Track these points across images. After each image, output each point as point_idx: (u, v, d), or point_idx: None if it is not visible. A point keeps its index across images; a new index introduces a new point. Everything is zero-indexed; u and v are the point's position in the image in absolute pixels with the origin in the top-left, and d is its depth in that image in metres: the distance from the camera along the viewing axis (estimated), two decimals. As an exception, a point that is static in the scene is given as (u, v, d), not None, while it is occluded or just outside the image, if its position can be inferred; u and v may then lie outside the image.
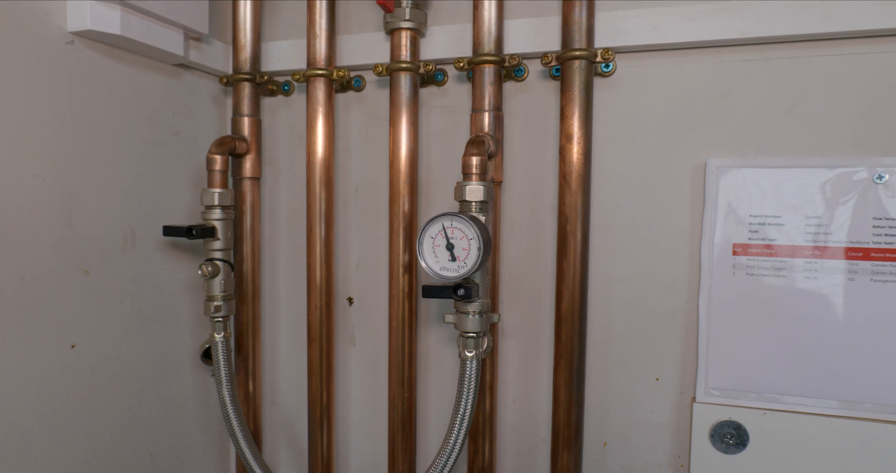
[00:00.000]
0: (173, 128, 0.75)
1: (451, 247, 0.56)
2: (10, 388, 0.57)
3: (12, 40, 0.56)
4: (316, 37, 0.73)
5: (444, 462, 0.62)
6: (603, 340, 0.70)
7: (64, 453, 0.62)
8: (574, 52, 0.63)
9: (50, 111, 0.60)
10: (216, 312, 0.72)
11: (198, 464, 0.81)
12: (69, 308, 0.62)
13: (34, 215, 0.58)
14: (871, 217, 0.61)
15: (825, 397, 0.62)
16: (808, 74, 0.62)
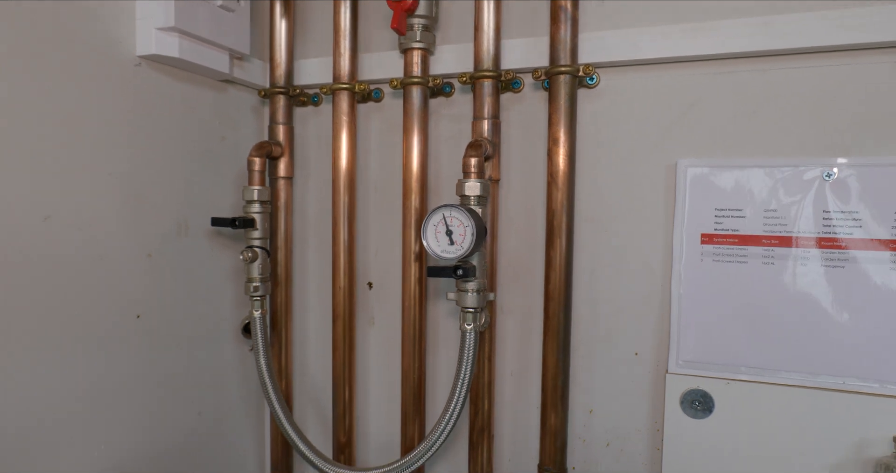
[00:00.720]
0: (219, 135, 0.87)
1: (449, 233, 0.67)
2: (86, 348, 0.69)
3: (92, 63, 0.68)
4: (340, 55, 0.84)
5: (448, 418, 0.72)
6: (590, 319, 0.80)
7: (129, 408, 0.75)
8: (560, 67, 0.73)
9: (122, 121, 0.72)
10: (255, 292, 0.84)
11: (237, 423, 0.93)
12: (135, 284, 0.75)
13: (110, 208, 0.71)
14: (822, 210, 0.69)
15: (781, 369, 0.71)
16: (767, 84, 0.71)
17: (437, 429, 0.73)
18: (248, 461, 0.96)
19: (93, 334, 0.70)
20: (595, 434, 0.81)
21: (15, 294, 0.61)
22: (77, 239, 0.67)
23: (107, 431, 0.72)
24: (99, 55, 0.69)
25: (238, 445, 0.94)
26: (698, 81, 0.73)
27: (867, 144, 0.68)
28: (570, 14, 0.73)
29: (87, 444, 0.70)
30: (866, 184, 0.67)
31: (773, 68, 0.70)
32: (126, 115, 0.73)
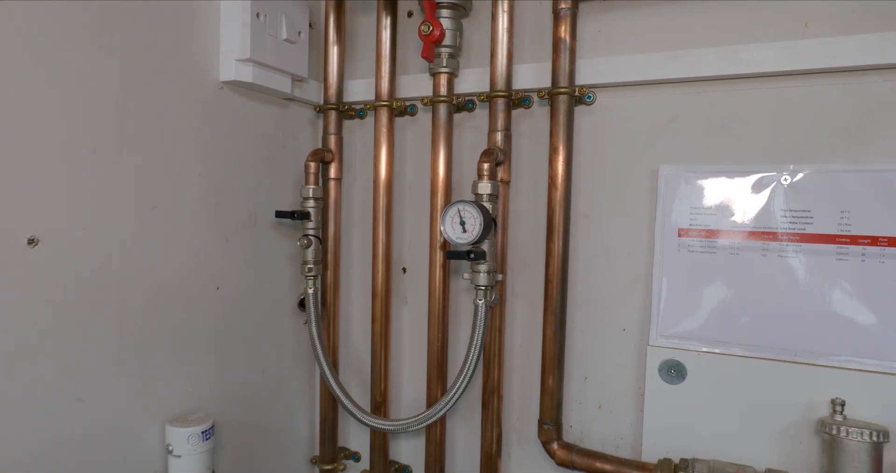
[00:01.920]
0: (282, 143, 1.06)
1: (462, 223, 0.83)
2: (181, 309, 0.89)
3: (187, 87, 0.88)
4: (381, 78, 1.02)
5: (463, 377, 0.88)
6: (585, 300, 0.94)
7: (209, 360, 0.94)
8: (559, 88, 0.88)
9: (207, 133, 0.92)
10: (309, 272, 1.02)
11: (292, 382, 1.12)
12: (216, 263, 0.94)
13: (198, 201, 0.90)
14: (780, 209, 0.82)
15: (742, 343, 0.84)
16: (735, 102, 0.84)
17: (455, 386, 0.89)
18: (300, 413, 1.14)
19: (186, 299, 0.89)
20: (589, 398, 0.95)
21: (129, 266, 0.81)
22: (175, 225, 0.87)
23: (194, 375, 0.91)
24: (192, 81, 0.89)
25: (293, 400, 1.12)
26: (677, 100, 0.87)
27: (817, 153, 0.80)
28: (569, 45, 0.88)
29: (180, 382, 0.89)
30: (816, 187, 0.80)
31: (739, 89, 0.84)
32: (211, 128, 0.92)
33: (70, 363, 0.74)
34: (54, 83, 0.71)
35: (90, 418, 0.77)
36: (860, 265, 0.78)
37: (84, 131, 0.74)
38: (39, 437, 0.72)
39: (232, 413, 0.98)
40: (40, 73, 0.69)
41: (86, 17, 0.73)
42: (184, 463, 0.84)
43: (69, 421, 0.75)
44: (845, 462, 0.72)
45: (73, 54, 0.72)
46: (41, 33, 0.69)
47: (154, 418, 0.85)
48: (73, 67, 0.72)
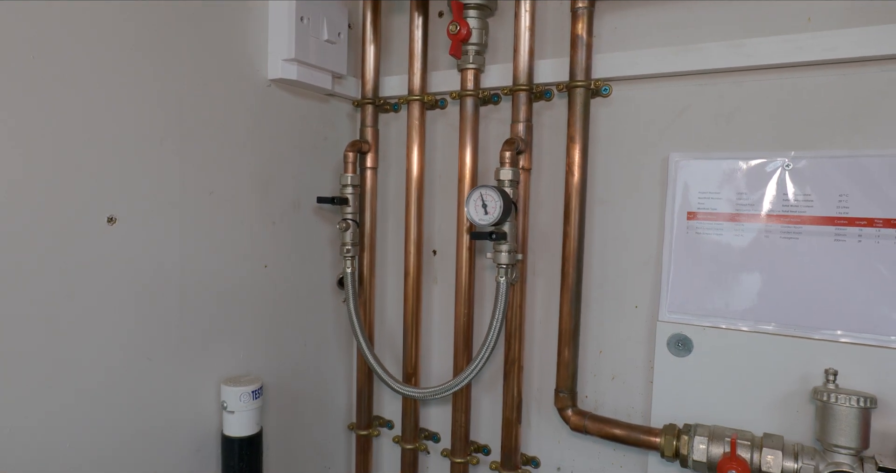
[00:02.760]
0: (323, 136, 1.16)
1: (484, 206, 0.91)
2: (237, 284, 1.00)
3: (238, 85, 0.98)
4: (414, 74, 1.10)
5: (486, 348, 0.96)
6: (601, 280, 1.01)
7: (258, 331, 1.05)
8: (576, 82, 0.95)
9: (258, 125, 1.02)
10: (347, 253, 1.12)
11: (332, 355, 1.22)
12: (263, 243, 1.05)
13: (249, 187, 1.01)
14: (782, 193, 0.87)
15: (745, 318, 0.90)
16: (742, 93, 0.90)
17: (478, 356, 0.98)
18: (339, 383, 1.25)
19: (238, 275, 1.00)
20: (603, 370, 1.02)
21: (190, 244, 0.92)
22: (228, 209, 0.98)
23: (245, 343, 1.02)
24: (244, 79, 0.99)
25: (332, 371, 1.23)
26: (688, 91, 0.93)
27: (819, 140, 0.85)
28: (585, 41, 0.95)
29: (233, 348, 1.00)
30: (817, 172, 0.85)
31: (745, 81, 0.89)
32: (260, 121, 1.03)
33: (141, 326, 0.86)
34: (129, 81, 0.82)
35: (157, 374, 0.89)
36: (857, 246, 0.83)
37: (153, 124, 0.85)
38: (117, 389, 0.83)
39: (278, 380, 1.09)
40: (118, 72, 0.80)
41: (156, 21, 0.84)
42: (236, 418, 0.95)
43: (141, 376, 0.86)
44: (835, 426, 0.78)
45: (145, 55, 0.83)
46: (119, 36, 0.80)
47: (211, 378, 0.97)
48: (145, 66, 0.84)
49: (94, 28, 0.77)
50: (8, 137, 0.70)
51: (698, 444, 0.86)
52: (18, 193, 0.71)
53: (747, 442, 0.83)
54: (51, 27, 0.73)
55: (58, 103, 0.74)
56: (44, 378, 0.75)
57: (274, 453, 1.09)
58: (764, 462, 0.81)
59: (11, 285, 0.71)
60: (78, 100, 0.76)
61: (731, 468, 0.80)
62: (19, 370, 0.72)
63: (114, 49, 0.80)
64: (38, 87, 0.72)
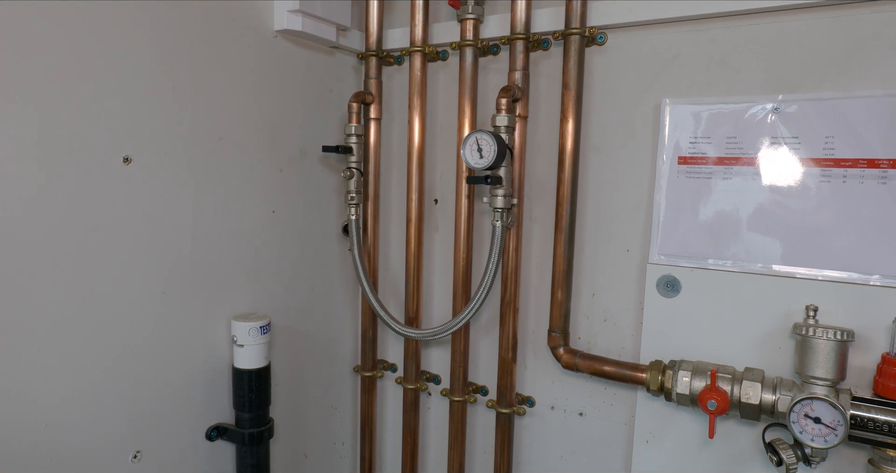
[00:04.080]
0: (329, 87, 1.19)
1: (479, 150, 0.94)
2: (246, 228, 1.05)
3: (246, 36, 1.02)
4: (415, 26, 1.13)
5: (483, 289, 1.01)
6: (594, 224, 1.04)
7: (271, 274, 1.10)
8: (571, 30, 0.97)
9: (264, 76, 1.06)
10: (351, 200, 1.16)
11: (338, 298, 1.28)
12: (271, 190, 1.09)
13: (257, 134, 1.05)
14: (770, 136, 0.89)
15: (730, 259, 0.92)
16: (733, 38, 0.91)
17: (475, 297, 1.02)
18: (345, 327, 1.31)
19: (247, 218, 1.05)
20: (596, 312, 1.06)
21: (202, 186, 0.97)
22: (237, 155, 1.02)
23: (254, 284, 1.08)
24: (251, 29, 1.03)
25: (338, 314, 1.28)
26: (681, 38, 0.95)
27: (809, 82, 0.87)
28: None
29: (243, 288, 1.06)
30: (805, 115, 0.86)
31: (738, 25, 0.90)
32: (267, 71, 1.06)
33: (156, 261, 0.91)
34: (143, 30, 0.86)
35: (172, 308, 0.94)
36: (841, 186, 0.85)
37: (165, 71, 0.90)
38: (135, 320, 0.89)
39: (286, 321, 1.15)
40: (133, 21, 0.84)
41: (163, -27, 0.88)
42: (245, 352, 1.01)
43: (156, 309, 0.92)
44: (813, 358, 0.81)
45: (156, 7, 0.87)
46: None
47: (222, 315, 1.03)
48: (159, 16, 0.87)
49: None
50: (34, 85, 0.74)
51: (682, 378, 0.90)
52: (44, 135, 0.76)
53: (728, 376, 0.87)
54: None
55: (77, 51, 0.78)
56: (69, 307, 0.81)
57: (283, 390, 1.15)
58: (744, 394, 0.85)
59: (41, 218, 0.76)
60: (96, 48, 0.80)
61: (711, 397, 0.84)
62: (47, 299, 0.78)
63: (123, 4, 0.84)
64: (60, 36, 0.76)
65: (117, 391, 0.88)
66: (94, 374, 0.85)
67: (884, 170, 0.82)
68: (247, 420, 1.03)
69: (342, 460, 1.35)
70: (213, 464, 1.04)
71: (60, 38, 0.77)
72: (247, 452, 1.03)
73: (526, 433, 1.16)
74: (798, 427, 0.78)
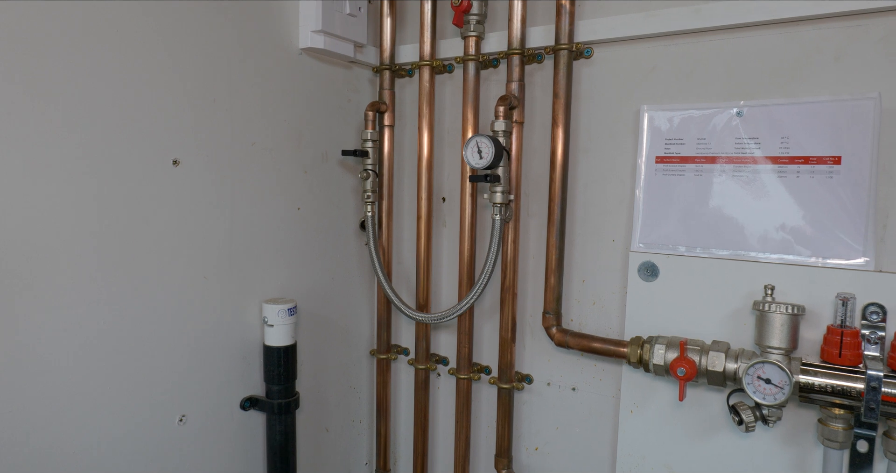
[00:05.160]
0: (347, 98, 1.34)
1: (479, 151, 1.07)
2: (278, 222, 1.19)
3: (275, 54, 1.17)
4: (424, 43, 1.27)
5: (484, 275, 1.14)
6: (584, 218, 1.17)
7: (293, 263, 1.24)
8: (560, 45, 1.10)
9: (291, 89, 1.20)
10: (367, 198, 1.30)
11: (356, 288, 1.41)
12: (297, 189, 1.24)
13: (285, 141, 1.20)
14: (734, 138, 1.01)
15: (702, 246, 1.04)
16: (700, 52, 1.04)
17: (477, 282, 1.16)
18: (362, 314, 1.44)
19: (275, 213, 1.19)
20: (586, 297, 1.19)
21: (238, 185, 1.11)
22: (267, 158, 1.17)
23: (282, 272, 1.22)
24: (279, 48, 1.17)
25: (356, 302, 1.42)
26: (656, 52, 1.08)
27: (764, 90, 0.99)
28: (568, 10, 1.09)
29: (273, 275, 1.20)
30: (763, 118, 0.99)
31: (702, 41, 1.03)
32: (293, 84, 1.21)
33: (198, 251, 1.06)
34: (189, 51, 1.01)
35: (211, 291, 1.09)
36: (795, 180, 0.97)
37: (207, 86, 1.04)
38: (179, 300, 1.04)
39: (310, 306, 1.29)
40: (180, 43, 0.99)
41: (209, 1, 1.03)
42: (275, 331, 1.15)
43: (198, 292, 1.06)
44: (769, 330, 0.93)
45: (201, 30, 1.02)
46: (180, 15, 0.99)
47: (255, 298, 1.17)
48: (201, 38, 1.02)
49: (164, 10, 0.96)
50: (100, 101, 0.89)
51: (657, 351, 1.02)
52: (108, 141, 0.91)
53: (697, 348, 0.99)
54: (132, 12, 0.92)
55: (136, 72, 0.93)
56: (126, 287, 0.95)
57: (307, 368, 1.29)
58: (710, 363, 0.97)
59: (105, 211, 0.91)
60: (151, 68, 0.95)
61: (680, 365, 0.96)
62: (108, 280, 0.93)
63: (176, 26, 0.98)
64: (126, 60, 0.91)
65: (166, 363, 1.02)
66: (146, 347, 0.99)
67: (830, 166, 0.94)
68: (276, 392, 1.16)
69: (360, 436, 1.48)
70: (247, 431, 1.17)
71: (126, 63, 0.92)
72: (276, 420, 1.17)
73: (525, 407, 1.28)
74: (752, 388, 0.90)
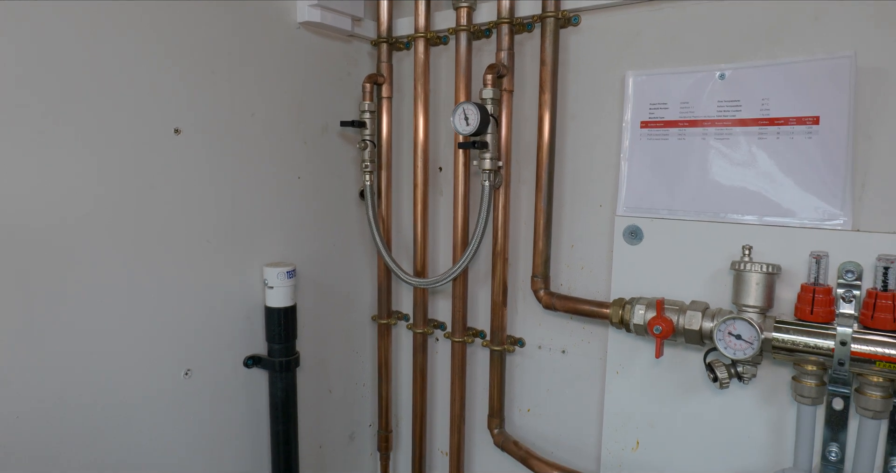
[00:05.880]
0: (346, 71, 1.38)
1: (466, 118, 1.11)
2: (269, 194, 1.24)
3: (273, 27, 1.21)
4: (419, 15, 1.30)
5: (475, 239, 1.18)
6: (573, 184, 1.19)
7: (295, 229, 1.30)
8: (547, 13, 1.12)
9: (290, 62, 1.25)
10: (366, 168, 1.35)
11: (357, 256, 1.47)
12: (298, 159, 1.29)
13: (285, 113, 1.25)
14: (717, 101, 1.02)
15: (684, 209, 1.06)
16: (684, 17, 1.04)
17: (469, 246, 1.19)
18: (363, 281, 1.50)
19: (276, 181, 1.25)
20: (574, 261, 1.21)
21: (238, 154, 1.17)
22: (267, 128, 1.22)
23: (283, 239, 1.28)
24: (278, 22, 1.22)
25: (357, 269, 1.48)
26: (641, 18, 1.09)
27: (745, 52, 0.99)
28: (555, -23, 1.11)
29: (274, 242, 1.26)
30: (743, 80, 0.99)
31: (686, 6, 1.04)
32: (293, 58, 1.25)
33: (201, 215, 1.12)
34: (188, 26, 1.06)
35: (214, 254, 1.15)
36: (775, 142, 0.98)
37: (207, 59, 1.10)
38: (183, 261, 1.10)
39: (311, 272, 1.35)
40: (180, 18, 1.04)
41: (204, -23, 1.08)
42: (275, 293, 1.21)
43: (202, 254, 1.13)
44: (745, 289, 0.95)
45: (199, 5, 1.07)
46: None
47: (256, 262, 1.23)
48: (200, 14, 1.07)
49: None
50: (104, 73, 0.95)
51: (637, 311, 1.04)
52: (112, 111, 0.97)
53: (676, 307, 1.01)
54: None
55: (134, 43, 0.99)
56: (134, 248, 1.02)
57: (309, 331, 1.35)
58: (687, 322, 0.99)
59: (111, 177, 0.97)
60: (152, 42, 1.01)
61: (657, 324, 0.99)
62: (117, 242, 1.00)
63: (175, 2, 1.04)
64: (122, 31, 0.97)
65: (173, 320, 1.09)
66: (153, 304, 1.06)
67: (809, 126, 0.94)
68: (277, 351, 1.23)
69: (364, 399, 1.54)
70: (250, 388, 1.24)
71: (129, 36, 0.98)
72: (277, 378, 1.24)
73: (518, 370, 1.32)
74: (723, 344, 0.92)
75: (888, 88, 0.90)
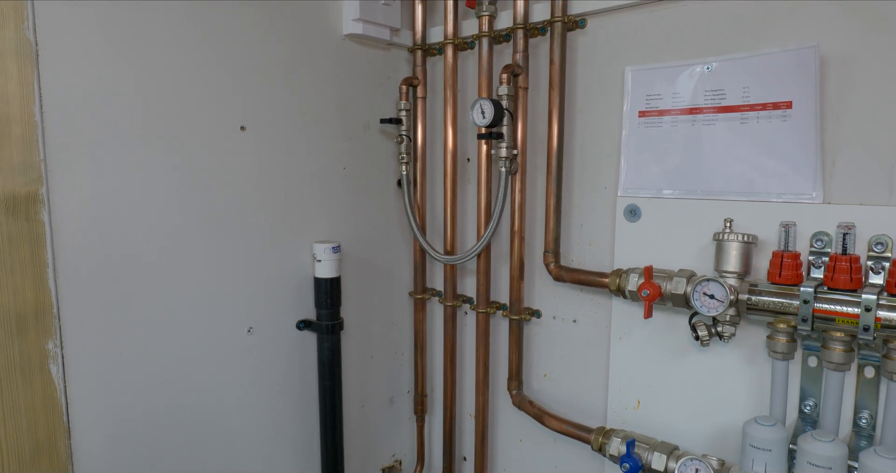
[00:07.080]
0: (386, 75, 1.57)
1: (482, 112, 1.27)
2: (318, 182, 1.45)
3: (322, 40, 1.42)
4: (448, 24, 1.47)
5: (494, 219, 1.34)
6: (581, 168, 1.33)
7: (341, 215, 1.50)
8: (555, 18, 1.27)
9: (337, 69, 1.45)
10: (402, 160, 1.53)
11: (396, 238, 1.65)
12: (343, 152, 1.49)
13: (332, 113, 1.45)
14: (704, 90, 1.14)
15: (677, 189, 1.18)
16: (677, 16, 1.17)
17: (489, 225, 1.36)
18: (402, 260, 1.68)
19: (324, 173, 1.45)
20: (583, 238, 1.35)
21: (291, 149, 1.38)
22: (316, 126, 1.43)
23: (330, 222, 1.48)
24: (326, 35, 1.43)
25: (396, 249, 1.66)
26: (639, 18, 1.22)
27: (730, 46, 1.11)
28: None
29: (321, 224, 1.46)
30: (727, 71, 1.11)
31: (678, 7, 1.16)
32: (339, 65, 1.46)
33: (261, 201, 1.33)
34: (254, 39, 1.28)
35: (273, 233, 1.36)
36: (756, 125, 1.09)
37: (266, 68, 1.31)
38: (247, 237, 1.31)
39: (354, 250, 1.54)
40: (247, 33, 1.27)
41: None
42: (323, 265, 1.41)
43: (262, 231, 1.34)
44: (725, 257, 1.06)
45: (263, 21, 1.29)
46: (244, 10, 1.26)
47: (306, 240, 1.43)
48: (263, 28, 1.29)
49: (237, 9, 1.24)
50: (184, 77, 1.18)
51: (632, 279, 1.17)
52: (189, 110, 1.20)
53: (664, 275, 1.13)
54: (215, 12, 1.20)
55: (212, 54, 1.22)
56: (208, 227, 1.24)
57: (353, 302, 1.54)
58: (674, 287, 1.11)
59: (186, 167, 1.20)
60: (223, 52, 1.23)
61: (645, 288, 1.11)
62: (195, 222, 1.22)
63: (241, 19, 1.26)
64: (202, 47, 1.20)
65: (240, 286, 1.31)
66: (224, 272, 1.28)
67: (783, 110, 1.05)
68: (324, 315, 1.43)
69: (402, 367, 1.72)
70: (301, 347, 1.45)
71: (207, 50, 1.21)
72: (324, 339, 1.43)
73: (535, 339, 1.46)
74: (699, 303, 1.04)
75: (854, 73, 0.99)
